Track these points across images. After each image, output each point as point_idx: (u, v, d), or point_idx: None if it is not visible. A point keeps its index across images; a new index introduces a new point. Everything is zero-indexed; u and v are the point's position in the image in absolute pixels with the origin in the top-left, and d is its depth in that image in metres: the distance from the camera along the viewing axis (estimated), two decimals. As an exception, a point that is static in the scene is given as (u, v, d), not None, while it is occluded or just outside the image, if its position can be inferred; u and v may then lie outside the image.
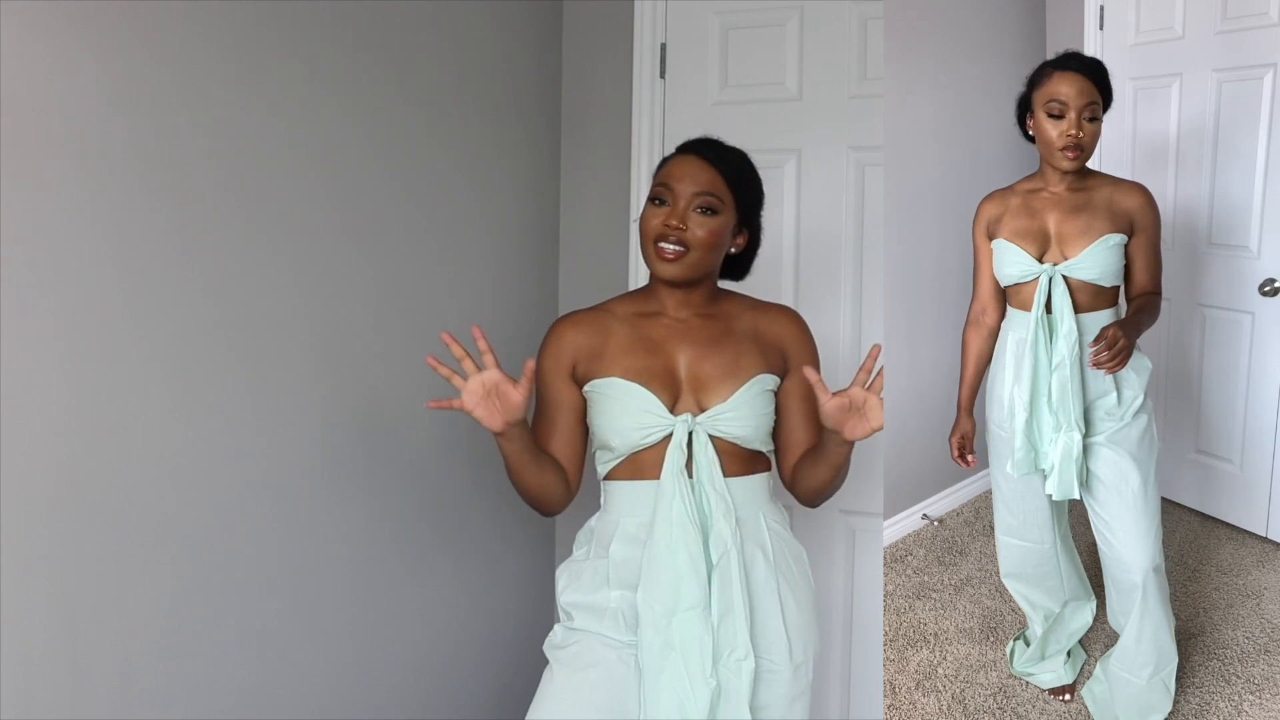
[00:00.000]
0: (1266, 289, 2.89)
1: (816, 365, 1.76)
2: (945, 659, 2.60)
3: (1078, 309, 2.04)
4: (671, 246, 1.65)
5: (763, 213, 1.79)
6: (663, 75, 2.55)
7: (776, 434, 1.75)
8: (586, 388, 1.69)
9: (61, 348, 1.41)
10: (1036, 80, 2.06)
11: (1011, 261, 2.09)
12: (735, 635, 1.59)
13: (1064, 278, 2.02)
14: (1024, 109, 2.12)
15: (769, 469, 1.76)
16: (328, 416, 1.89)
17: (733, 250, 1.75)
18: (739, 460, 1.68)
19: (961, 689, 2.47)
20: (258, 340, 1.72)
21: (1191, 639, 2.58)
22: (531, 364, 1.54)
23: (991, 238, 2.16)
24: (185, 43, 1.56)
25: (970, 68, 3.17)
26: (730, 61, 2.51)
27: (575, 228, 2.62)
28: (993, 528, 2.43)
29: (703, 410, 1.66)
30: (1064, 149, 2.00)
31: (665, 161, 1.73)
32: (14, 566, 1.36)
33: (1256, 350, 2.99)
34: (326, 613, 1.92)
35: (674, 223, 1.64)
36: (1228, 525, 3.20)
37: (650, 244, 1.66)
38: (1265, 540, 3.09)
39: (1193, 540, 3.13)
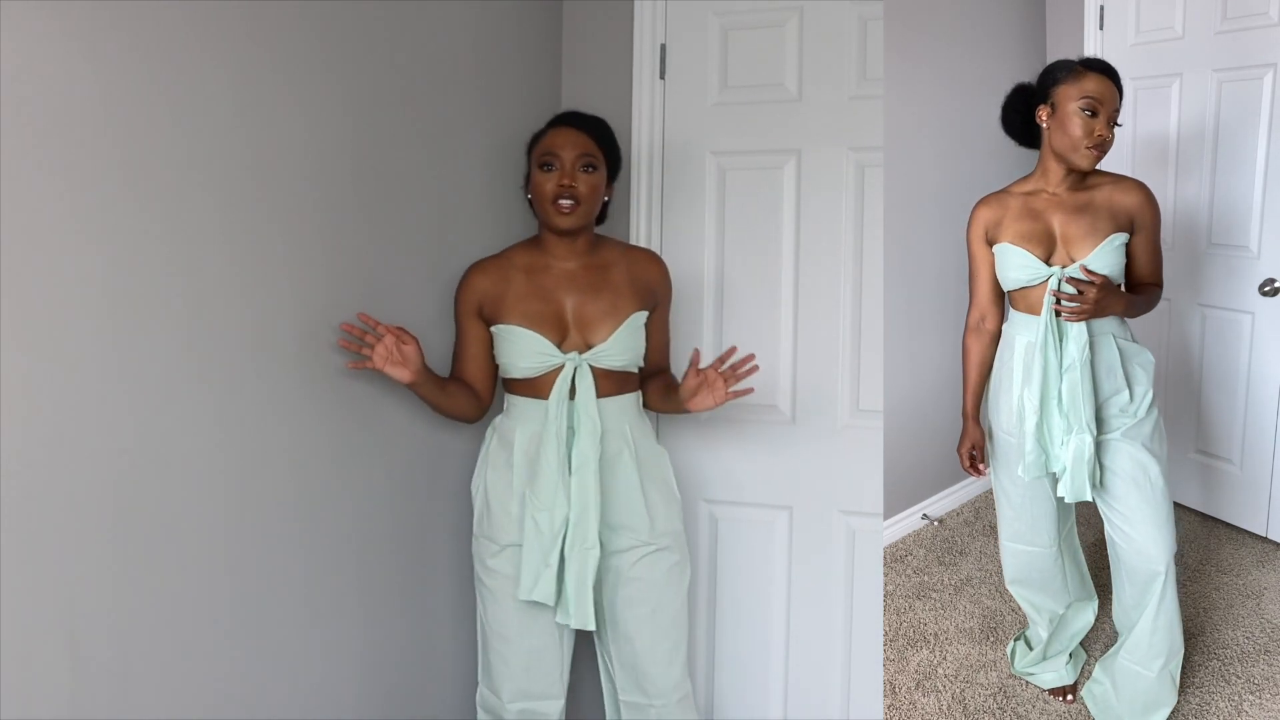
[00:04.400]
0: (1266, 289, 2.89)
1: (668, 301, 2.22)
2: (945, 659, 2.61)
3: None
4: (567, 202, 2.01)
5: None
6: (663, 75, 2.55)
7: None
8: (493, 329, 2.09)
9: (59, 348, 1.41)
10: (1063, 76, 2.04)
11: (1018, 265, 2.08)
12: (586, 530, 1.98)
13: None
14: (1029, 103, 2.11)
15: (637, 389, 2.15)
16: (327, 415, 1.89)
17: (606, 199, 2.11)
18: (613, 383, 2.07)
19: (961, 689, 2.47)
20: (255, 341, 1.72)
21: (1191, 639, 2.59)
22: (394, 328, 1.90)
23: (992, 242, 2.15)
24: (181, 43, 1.56)
25: (970, 68, 3.17)
26: (730, 61, 2.51)
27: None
28: (993, 528, 2.44)
29: (588, 346, 2.05)
30: (1091, 147, 2.00)
31: (541, 136, 2.10)
32: (14, 566, 1.36)
33: (1256, 350, 3.00)
34: (330, 612, 1.92)
35: (566, 182, 2.01)
36: (1228, 525, 3.20)
37: (548, 203, 2.03)
38: (1265, 540, 3.10)
39: (1193, 540, 3.14)
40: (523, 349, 2.04)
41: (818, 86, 2.44)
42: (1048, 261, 2.07)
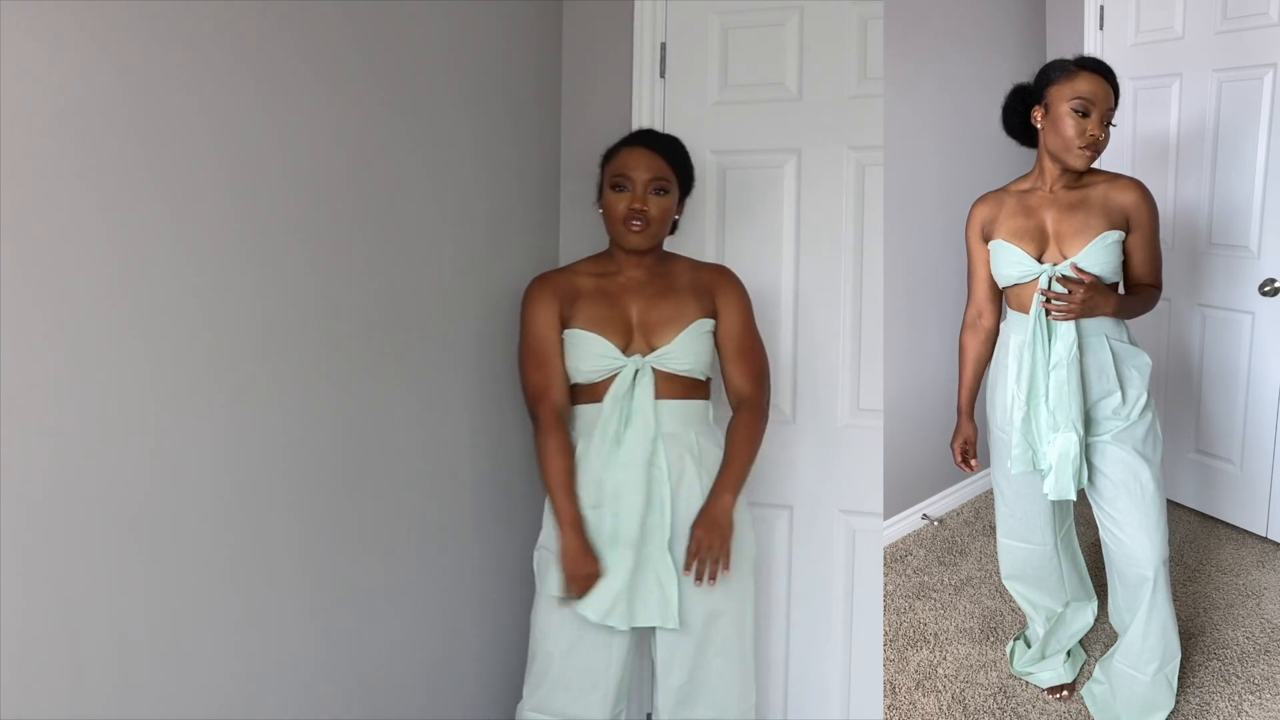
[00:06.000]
0: (1266, 289, 2.89)
1: (746, 310, 2.17)
2: (945, 659, 2.61)
3: None
4: (637, 223, 2.06)
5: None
6: (663, 75, 2.55)
7: (722, 369, 2.17)
8: (564, 334, 2.10)
9: (61, 346, 1.41)
10: (1056, 76, 2.04)
11: (1011, 262, 2.08)
12: (662, 525, 2.02)
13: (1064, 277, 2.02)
14: (1026, 103, 2.11)
15: (705, 397, 2.13)
16: (331, 416, 1.89)
17: (676, 218, 2.15)
18: (678, 387, 2.08)
19: (961, 689, 2.47)
20: (259, 341, 1.72)
21: (1191, 639, 2.59)
22: None
23: (987, 239, 2.16)
24: (186, 41, 1.56)
25: (970, 68, 3.17)
26: (730, 61, 2.51)
27: (575, 228, 2.62)
28: (993, 528, 2.43)
29: (651, 349, 2.07)
30: (1084, 147, 2.00)
31: (615, 152, 2.12)
32: (13, 566, 1.36)
33: (1256, 350, 3.00)
34: (330, 611, 1.91)
35: (637, 205, 2.06)
36: (1228, 525, 3.20)
37: (619, 223, 2.08)
38: (1265, 540, 3.10)
39: (1193, 540, 3.14)
40: (585, 352, 2.06)
41: (818, 86, 2.44)
42: (1040, 259, 2.07)
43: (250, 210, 1.70)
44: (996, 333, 2.24)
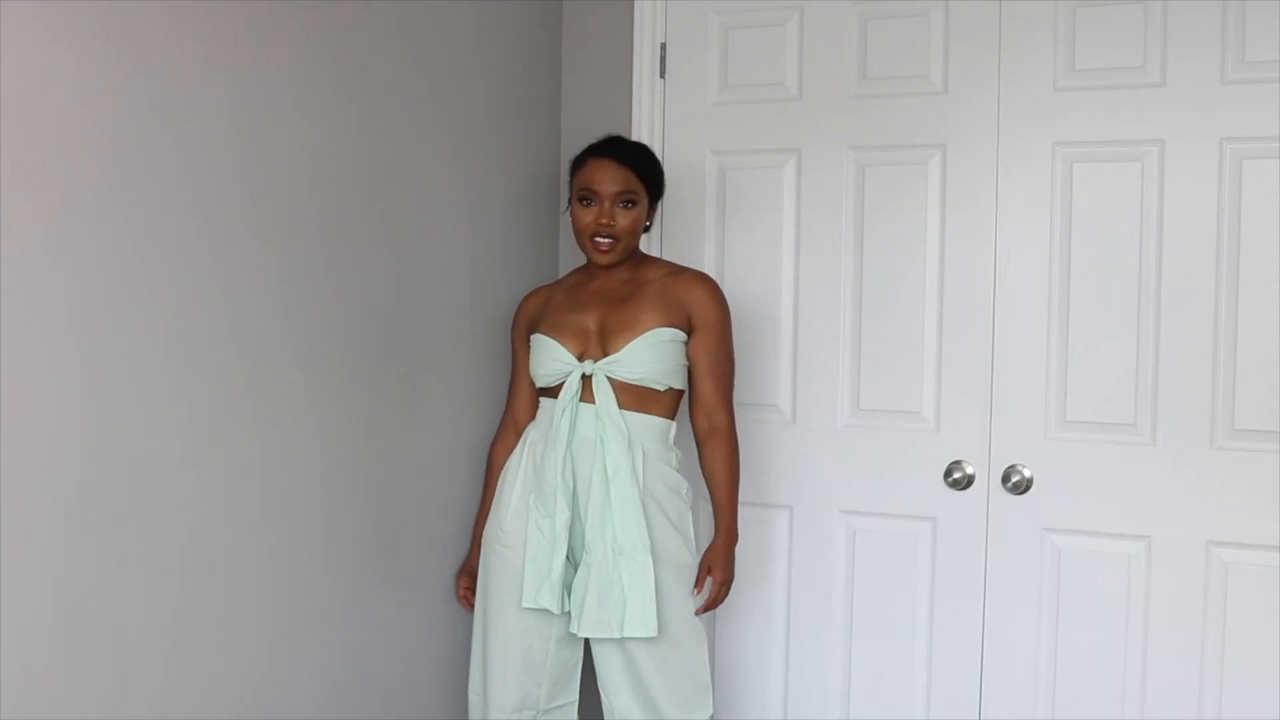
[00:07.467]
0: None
1: (722, 323, 2.12)
2: (945, 659, 2.60)
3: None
4: (605, 240, 2.06)
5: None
6: (663, 75, 2.55)
7: (689, 384, 2.14)
8: (531, 337, 2.15)
9: (68, 346, 1.41)
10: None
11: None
12: (597, 535, 2.00)
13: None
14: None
15: (663, 414, 2.10)
16: (337, 419, 1.89)
17: (648, 225, 2.15)
18: (632, 398, 2.05)
19: (961, 689, 2.47)
20: (266, 342, 1.72)
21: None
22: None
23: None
24: (195, 41, 1.56)
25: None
26: (730, 61, 2.51)
27: (575, 228, 2.62)
28: (992, 528, 2.40)
29: (606, 355, 2.03)
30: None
31: (582, 163, 2.11)
32: (14, 566, 1.36)
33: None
34: (329, 614, 1.92)
35: (604, 221, 2.05)
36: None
37: (586, 238, 2.08)
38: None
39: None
40: (542, 357, 2.08)
41: (818, 86, 2.44)
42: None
43: (259, 210, 1.70)
44: None
